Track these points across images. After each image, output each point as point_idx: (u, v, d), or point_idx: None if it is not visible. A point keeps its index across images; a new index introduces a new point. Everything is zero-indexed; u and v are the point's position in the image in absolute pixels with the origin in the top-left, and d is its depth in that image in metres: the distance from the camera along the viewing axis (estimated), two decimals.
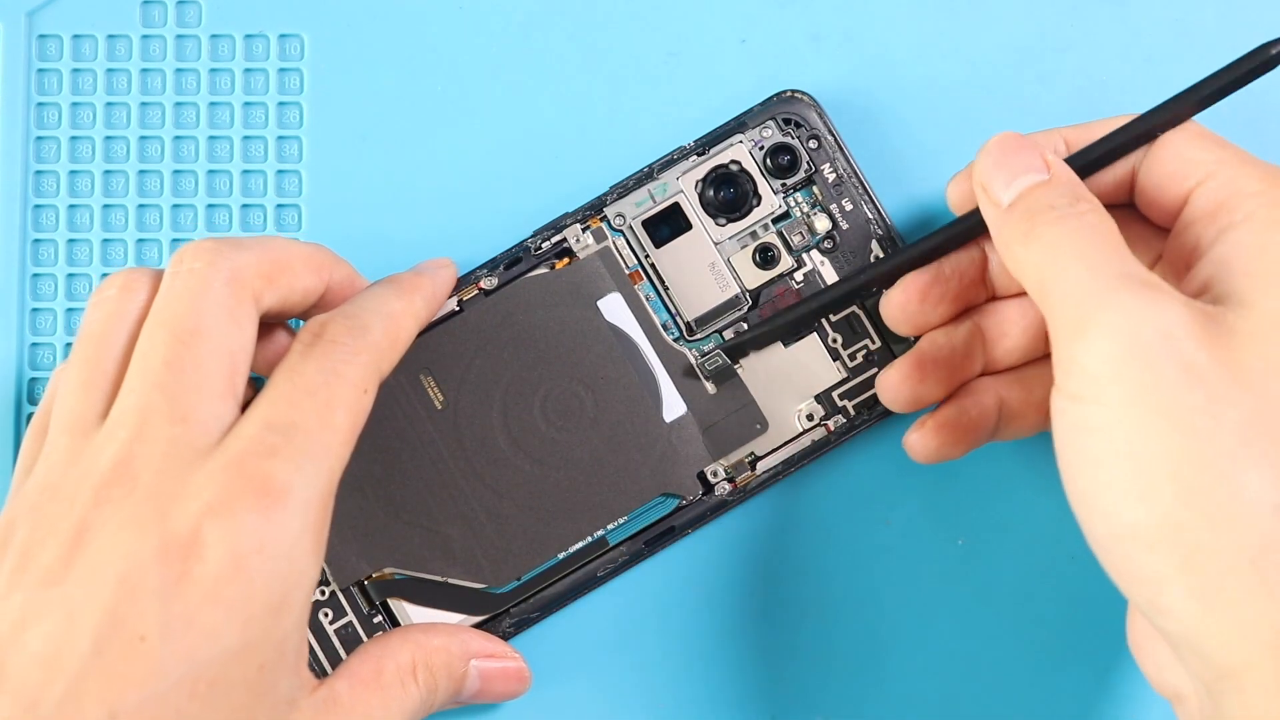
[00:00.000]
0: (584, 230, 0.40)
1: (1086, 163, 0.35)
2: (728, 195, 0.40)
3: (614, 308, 0.40)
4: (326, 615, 0.39)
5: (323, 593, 0.39)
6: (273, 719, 0.32)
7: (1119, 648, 0.40)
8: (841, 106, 0.41)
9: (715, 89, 0.42)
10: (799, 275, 0.40)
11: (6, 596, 0.32)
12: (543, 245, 0.40)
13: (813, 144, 0.40)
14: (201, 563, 0.31)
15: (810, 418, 0.40)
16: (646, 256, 0.40)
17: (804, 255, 0.40)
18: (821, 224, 0.40)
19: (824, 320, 0.40)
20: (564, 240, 0.40)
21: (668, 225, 0.40)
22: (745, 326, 0.40)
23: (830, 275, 0.40)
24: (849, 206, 0.40)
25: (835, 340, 0.40)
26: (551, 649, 0.41)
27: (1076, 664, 0.41)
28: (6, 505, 0.34)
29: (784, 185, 0.40)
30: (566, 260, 0.40)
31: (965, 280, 0.38)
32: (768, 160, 0.40)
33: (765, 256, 0.40)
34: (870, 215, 0.40)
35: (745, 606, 0.41)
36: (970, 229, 0.37)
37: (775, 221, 0.40)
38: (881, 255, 0.40)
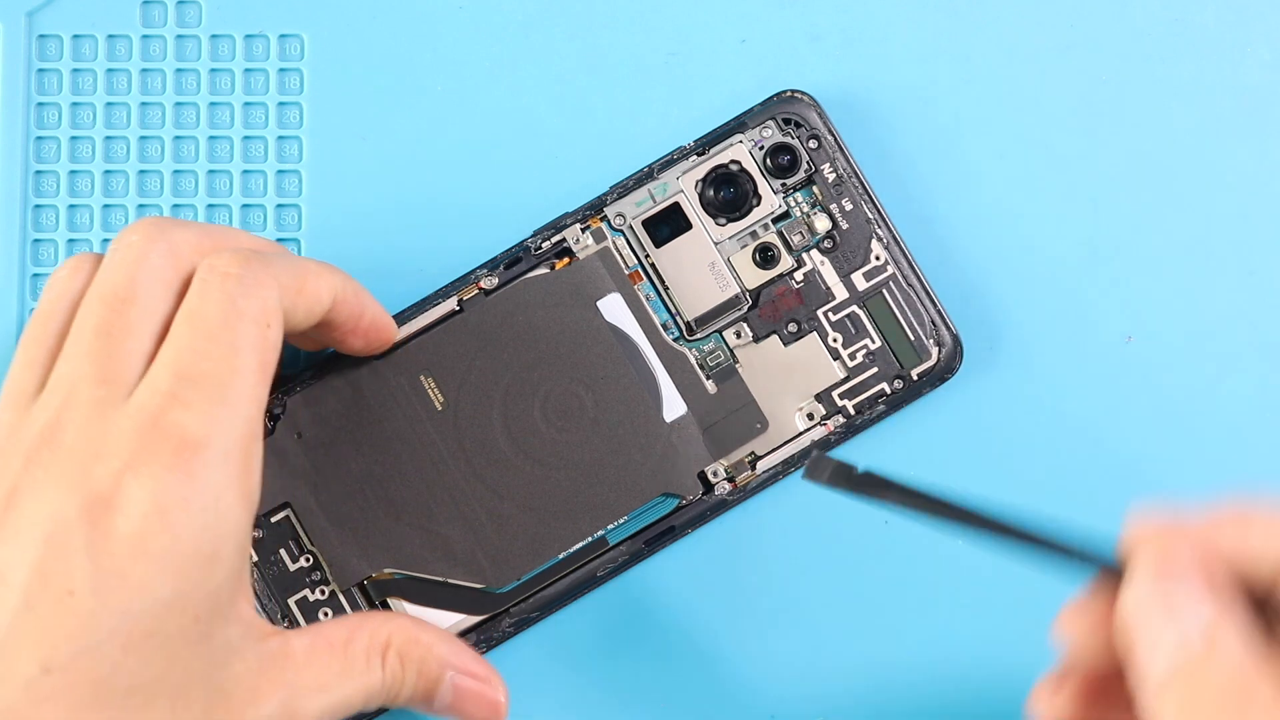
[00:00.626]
0: (584, 230, 0.40)
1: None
2: (728, 195, 0.40)
3: (614, 308, 0.40)
4: (326, 615, 0.39)
5: (323, 592, 0.39)
6: (211, 667, 0.32)
7: None
8: (841, 106, 0.41)
9: (715, 89, 0.42)
10: (799, 275, 0.40)
11: None
12: (543, 245, 0.40)
13: (813, 144, 0.40)
14: (125, 517, 0.31)
15: (810, 417, 0.40)
16: (646, 256, 0.40)
17: (804, 255, 0.40)
18: (821, 224, 0.40)
19: (824, 319, 0.40)
20: (564, 240, 0.40)
21: (668, 225, 0.40)
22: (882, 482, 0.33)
23: (830, 275, 0.40)
24: (849, 206, 0.40)
25: (835, 340, 0.40)
26: (551, 649, 0.41)
27: None
28: None
29: (784, 185, 0.40)
30: (566, 260, 0.40)
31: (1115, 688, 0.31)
32: (768, 160, 0.40)
33: (765, 256, 0.40)
34: (870, 215, 0.40)
35: (745, 606, 0.41)
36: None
37: (775, 221, 0.40)
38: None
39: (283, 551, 0.39)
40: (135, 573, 0.31)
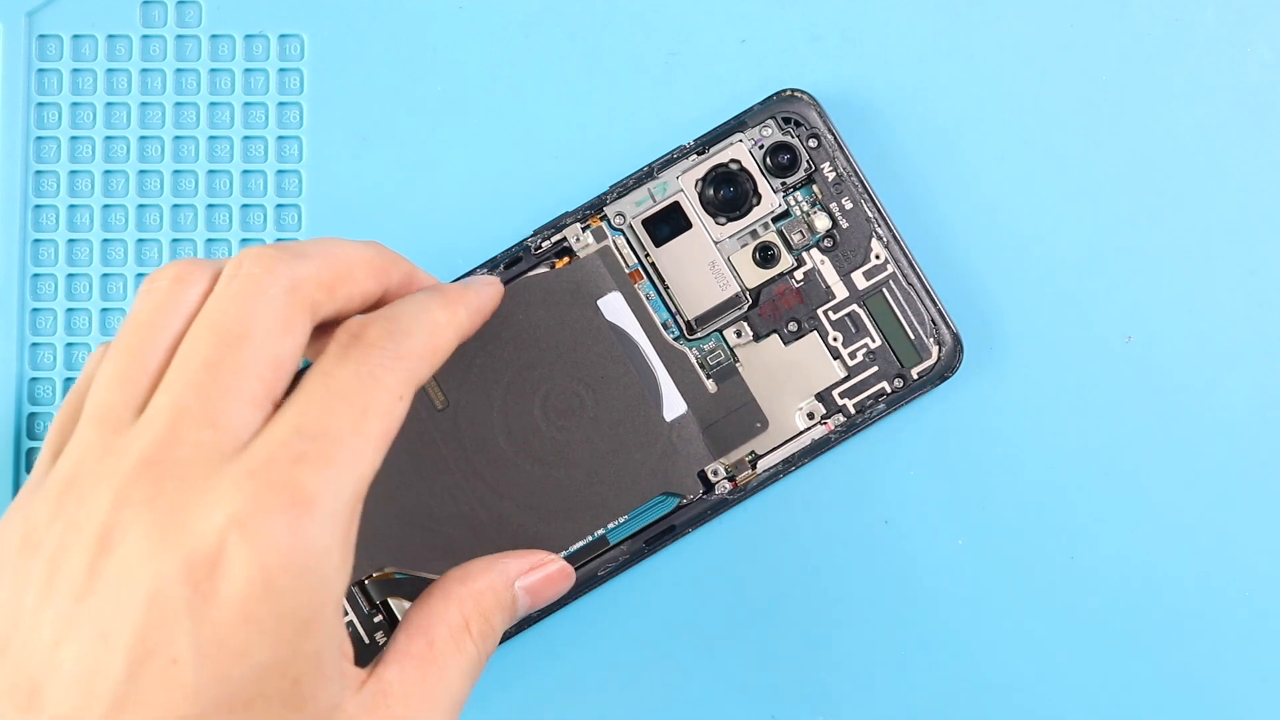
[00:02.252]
0: (584, 229, 0.40)
1: None
2: (728, 194, 0.40)
3: (614, 307, 0.40)
4: None
5: None
6: None
7: (1117, 648, 0.40)
8: (841, 106, 0.41)
9: (715, 89, 0.42)
10: (799, 274, 0.40)
11: (39, 611, 0.31)
12: (543, 245, 0.40)
13: (813, 143, 0.40)
14: (229, 580, 0.30)
15: (811, 416, 0.40)
16: (646, 255, 0.40)
17: (804, 254, 0.40)
18: (821, 223, 0.40)
19: (824, 318, 0.40)
20: (564, 240, 0.40)
21: (668, 224, 0.40)
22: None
23: (830, 274, 0.40)
24: (849, 205, 0.40)
25: (836, 339, 0.40)
26: (551, 648, 0.40)
27: (1075, 664, 0.40)
28: (33, 496, 0.32)
29: (784, 184, 0.40)
30: (566, 260, 0.40)
31: None
32: (768, 159, 0.40)
33: (765, 255, 0.40)
34: (870, 214, 0.40)
35: (745, 606, 0.41)
36: None
37: (775, 220, 0.40)
38: (880, 257, 0.40)
39: None
40: (236, 639, 0.30)
